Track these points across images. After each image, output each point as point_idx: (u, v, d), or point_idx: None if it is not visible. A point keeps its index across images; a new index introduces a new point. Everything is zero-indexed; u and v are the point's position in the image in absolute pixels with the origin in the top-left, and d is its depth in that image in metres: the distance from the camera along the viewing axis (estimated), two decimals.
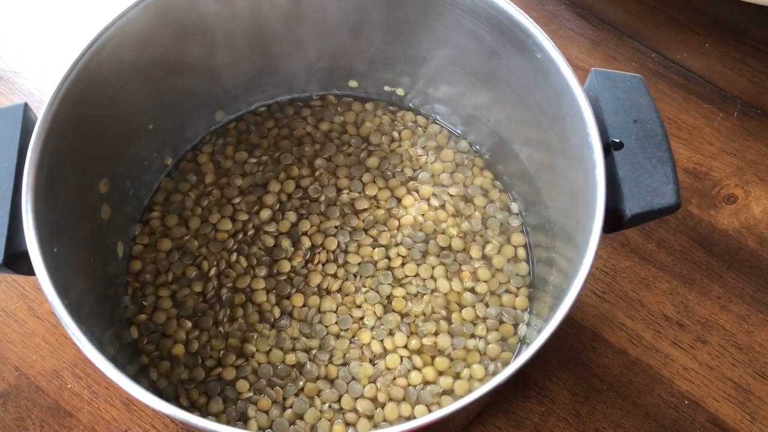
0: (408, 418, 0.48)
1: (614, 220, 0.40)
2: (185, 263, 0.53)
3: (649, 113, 0.42)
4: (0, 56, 0.67)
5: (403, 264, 0.53)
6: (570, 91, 0.42)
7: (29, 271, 0.37)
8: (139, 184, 0.54)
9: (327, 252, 0.53)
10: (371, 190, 0.56)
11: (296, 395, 0.48)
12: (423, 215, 0.55)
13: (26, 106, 0.42)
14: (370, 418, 0.48)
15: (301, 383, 0.49)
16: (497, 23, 0.46)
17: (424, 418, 0.34)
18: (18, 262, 0.38)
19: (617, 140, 0.41)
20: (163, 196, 0.55)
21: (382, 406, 0.48)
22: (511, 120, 0.52)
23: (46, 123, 0.40)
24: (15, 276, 0.56)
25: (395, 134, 0.58)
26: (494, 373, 0.49)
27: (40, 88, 0.65)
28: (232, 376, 0.49)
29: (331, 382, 0.49)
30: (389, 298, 0.52)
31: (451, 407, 0.34)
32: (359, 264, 0.53)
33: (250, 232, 0.54)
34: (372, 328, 0.51)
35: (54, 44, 0.68)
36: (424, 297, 0.52)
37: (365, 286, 0.52)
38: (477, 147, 0.58)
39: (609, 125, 0.41)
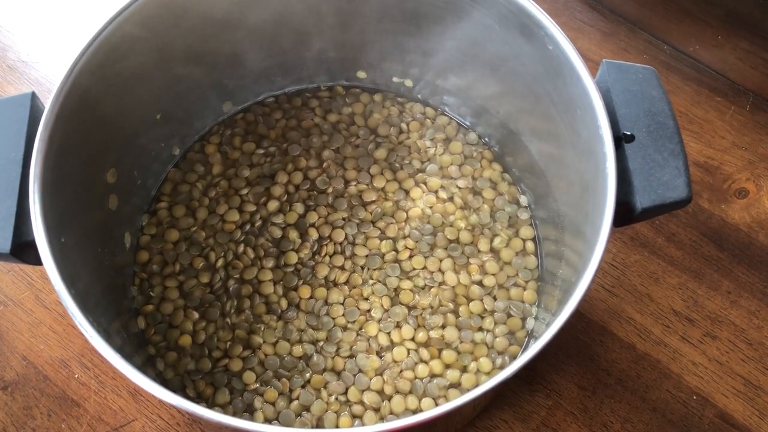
0: (415, 411, 0.48)
1: (625, 214, 0.40)
2: (192, 254, 0.52)
3: (661, 105, 0.41)
4: (9, 46, 0.67)
5: (410, 256, 0.53)
6: (581, 83, 0.41)
7: (36, 260, 0.37)
8: (146, 174, 0.53)
9: (334, 244, 0.53)
10: (379, 182, 0.55)
11: (303, 387, 0.48)
12: (431, 207, 0.54)
13: (34, 95, 0.42)
14: (377, 410, 0.48)
15: (308, 375, 0.49)
16: (508, 14, 0.46)
17: (431, 412, 0.34)
18: (25, 251, 0.38)
19: (628, 133, 0.40)
20: (171, 187, 0.55)
21: (389, 398, 0.48)
22: (520, 112, 0.52)
23: (54, 112, 0.40)
24: (22, 265, 0.56)
25: (403, 126, 0.58)
26: (501, 367, 0.49)
27: (49, 77, 0.65)
28: (239, 368, 0.49)
29: (338, 374, 0.49)
30: (396, 290, 0.51)
31: (457, 401, 0.34)
32: (367, 256, 0.53)
33: (258, 224, 0.54)
34: (379, 321, 0.50)
35: (63, 34, 0.68)
36: (432, 290, 0.51)
37: (372, 279, 0.52)
38: (486, 139, 0.57)
39: (620, 117, 0.41)
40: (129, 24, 0.45)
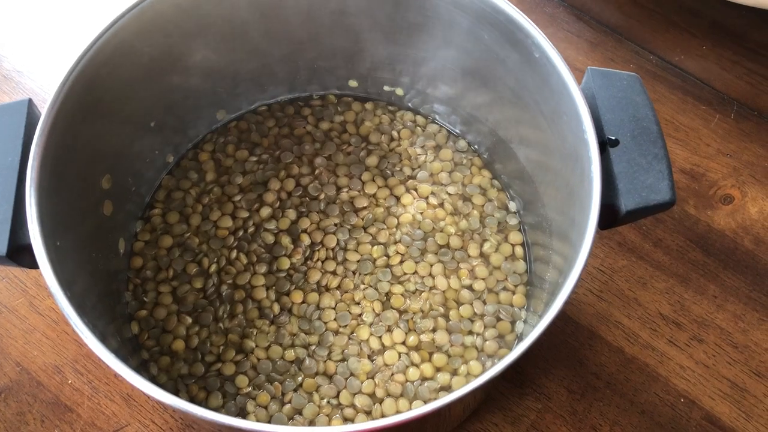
0: None
1: (609, 216, 0.40)
2: (186, 260, 0.53)
3: (645, 111, 0.42)
4: (4, 56, 0.68)
5: (401, 261, 0.53)
6: (567, 90, 0.42)
7: (32, 264, 0.38)
8: (140, 181, 0.54)
9: (326, 249, 0.54)
10: (370, 189, 0.56)
11: (295, 391, 0.49)
12: (422, 213, 0.55)
13: (31, 102, 0.42)
14: (368, 413, 0.48)
15: (300, 379, 0.49)
16: (496, 23, 0.47)
17: (420, 409, 0.34)
18: (21, 255, 0.39)
19: (613, 138, 0.41)
20: (165, 194, 0.56)
21: (380, 401, 0.49)
22: (509, 119, 0.53)
23: (50, 119, 0.41)
24: (17, 272, 0.56)
25: (394, 133, 0.59)
26: None
27: (44, 87, 0.66)
28: (232, 372, 0.49)
29: (330, 377, 0.49)
30: (388, 295, 0.52)
31: (443, 400, 0.34)
32: (358, 261, 0.53)
33: (251, 230, 0.54)
34: (370, 325, 0.51)
35: (58, 43, 0.68)
36: (423, 294, 0.52)
37: (364, 284, 0.52)
38: (475, 146, 0.58)
39: (605, 123, 0.42)
40: (124, 33, 0.45)
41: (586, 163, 0.40)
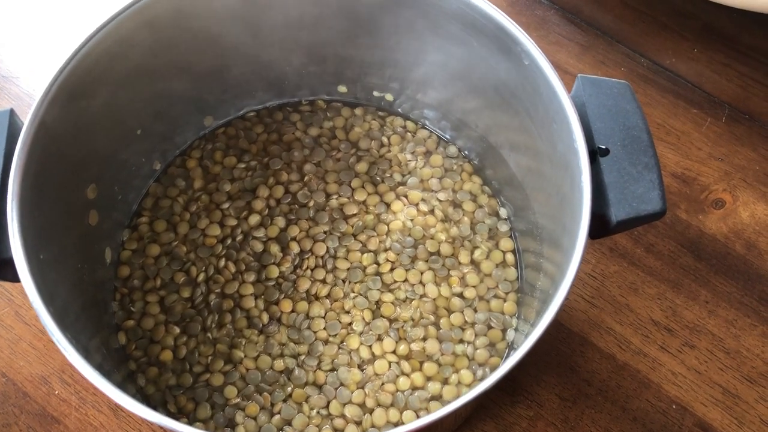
0: (396, 424, 0.48)
1: (600, 226, 0.40)
2: (173, 269, 0.52)
3: (636, 120, 0.42)
4: None
5: (391, 269, 0.53)
6: (556, 98, 0.42)
7: (14, 278, 0.37)
8: (127, 189, 0.53)
9: (316, 257, 0.53)
10: (360, 196, 0.56)
11: (284, 401, 0.48)
12: (412, 220, 0.55)
13: (12, 112, 0.42)
14: (359, 423, 0.48)
15: (290, 389, 0.49)
16: (485, 30, 0.46)
17: (412, 424, 0.34)
18: (3, 268, 0.38)
19: (603, 146, 0.41)
20: (152, 202, 0.55)
21: (371, 411, 0.48)
22: (499, 126, 0.52)
23: (32, 128, 0.40)
24: (1, 282, 0.55)
25: (384, 139, 0.58)
26: (482, 378, 0.49)
27: (30, 93, 0.65)
28: (220, 382, 0.49)
29: (320, 387, 0.49)
30: (378, 303, 0.52)
31: (438, 413, 0.34)
32: (348, 269, 0.53)
33: (239, 238, 0.54)
34: (360, 334, 0.51)
35: (44, 49, 0.68)
36: (413, 302, 0.52)
37: (354, 292, 0.52)
38: (466, 152, 0.58)
39: (595, 131, 0.41)
40: (109, 39, 0.45)
41: (576, 173, 0.40)
